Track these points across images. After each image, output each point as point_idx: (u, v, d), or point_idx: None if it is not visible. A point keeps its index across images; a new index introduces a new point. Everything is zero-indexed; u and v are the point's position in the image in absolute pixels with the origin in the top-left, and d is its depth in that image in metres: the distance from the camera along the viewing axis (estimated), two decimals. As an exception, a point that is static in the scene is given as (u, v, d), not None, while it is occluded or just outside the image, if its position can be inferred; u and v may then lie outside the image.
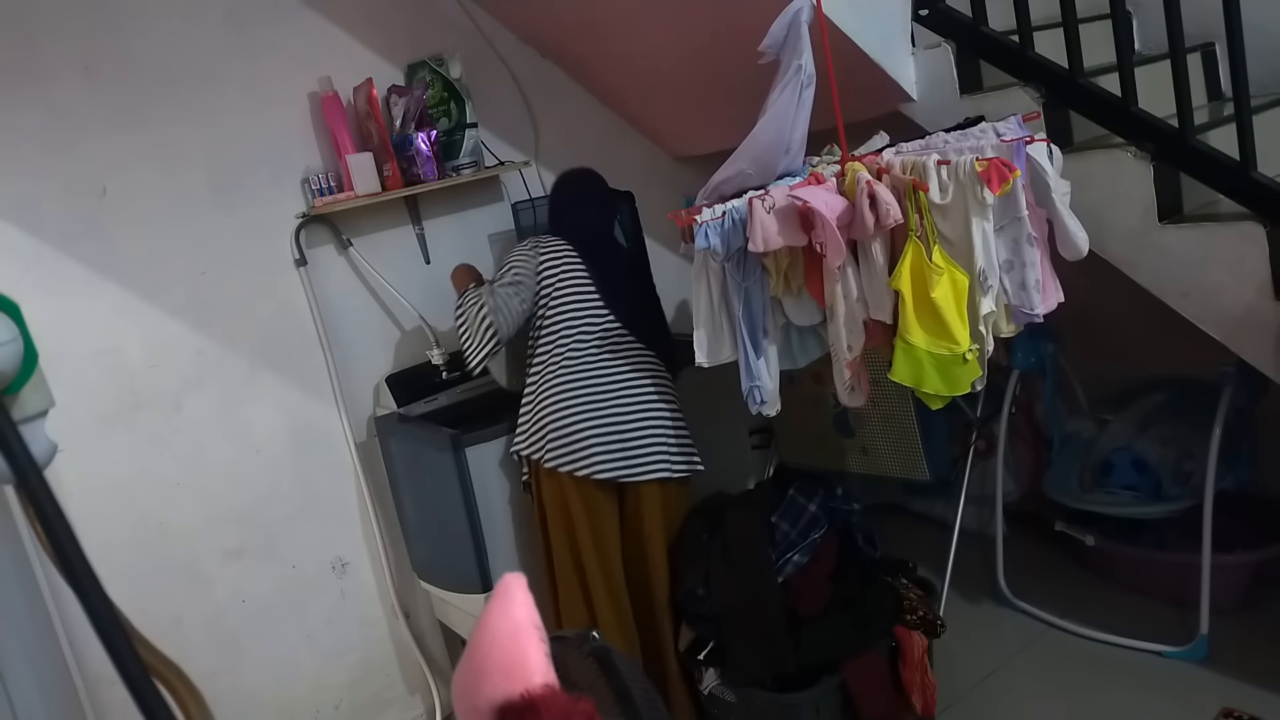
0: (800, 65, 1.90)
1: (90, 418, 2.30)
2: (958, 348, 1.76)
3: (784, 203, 1.81)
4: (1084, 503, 2.73)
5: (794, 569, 2.21)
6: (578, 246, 2.38)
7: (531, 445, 2.28)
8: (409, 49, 2.74)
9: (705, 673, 2.29)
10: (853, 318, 1.88)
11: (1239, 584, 2.53)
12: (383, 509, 2.72)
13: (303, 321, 2.60)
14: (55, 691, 2.15)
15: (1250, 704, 2.19)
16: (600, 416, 2.24)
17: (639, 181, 2.79)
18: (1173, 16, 1.94)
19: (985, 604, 2.82)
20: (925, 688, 2.28)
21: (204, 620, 2.47)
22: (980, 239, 1.77)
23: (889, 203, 1.72)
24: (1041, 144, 1.86)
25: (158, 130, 2.37)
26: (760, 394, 2.02)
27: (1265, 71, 2.35)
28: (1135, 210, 2.04)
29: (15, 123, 2.19)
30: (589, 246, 2.39)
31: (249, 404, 2.53)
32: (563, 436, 2.23)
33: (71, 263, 2.27)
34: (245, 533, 2.53)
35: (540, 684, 0.60)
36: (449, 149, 2.64)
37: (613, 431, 2.23)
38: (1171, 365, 2.75)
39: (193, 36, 2.41)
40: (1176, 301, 2.04)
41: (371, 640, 2.77)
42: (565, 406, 2.25)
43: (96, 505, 2.28)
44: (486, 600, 2.29)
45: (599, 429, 2.23)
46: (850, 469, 2.88)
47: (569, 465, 2.23)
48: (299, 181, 2.57)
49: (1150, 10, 2.17)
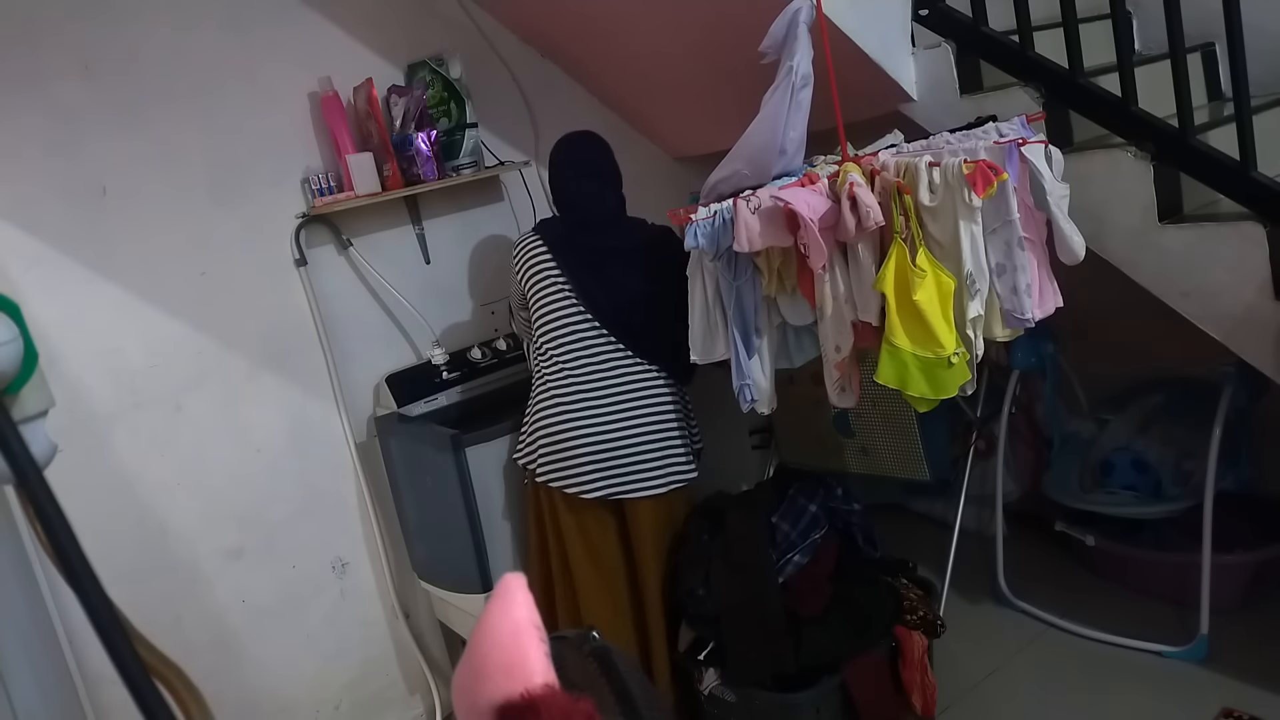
0: (792, 66, 1.90)
1: (90, 418, 2.30)
2: (942, 351, 1.75)
3: (768, 203, 1.81)
4: (1084, 503, 2.73)
5: (794, 569, 2.20)
6: (558, 246, 2.30)
7: (526, 456, 2.31)
8: (409, 49, 2.74)
9: (705, 673, 2.29)
10: (840, 318, 1.89)
11: (1239, 584, 2.53)
12: (383, 509, 2.72)
13: (303, 321, 2.60)
14: (55, 691, 2.15)
15: (1250, 704, 2.19)
16: (587, 432, 2.22)
17: (639, 181, 2.79)
18: (1173, 16, 1.94)
19: (985, 604, 2.82)
20: (925, 688, 2.28)
21: (204, 620, 2.47)
22: (968, 242, 1.77)
23: (869, 205, 1.72)
24: (1039, 145, 1.86)
25: (158, 130, 2.37)
26: (751, 392, 2.02)
27: (1265, 71, 2.35)
28: (1135, 210, 2.04)
29: (16, 123, 2.19)
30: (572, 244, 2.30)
31: (249, 404, 2.53)
32: (553, 451, 2.24)
33: (72, 263, 2.27)
34: (245, 533, 2.53)
35: (540, 684, 0.60)
36: (449, 149, 2.64)
37: (599, 447, 2.22)
38: (1172, 365, 2.75)
39: (193, 37, 2.41)
40: (1176, 301, 2.04)
41: (371, 640, 2.77)
42: (555, 421, 2.24)
43: (97, 505, 2.28)
44: (486, 600, 2.29)
45: (585, 445, 2.22)
46: (850, 469, 2.88)
47: (559, 481, 2.24)
48: (299, 181, 2.57)
49: (1150, 10, 2.16)
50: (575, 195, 2.35)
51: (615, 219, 2.37)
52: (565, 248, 2.30)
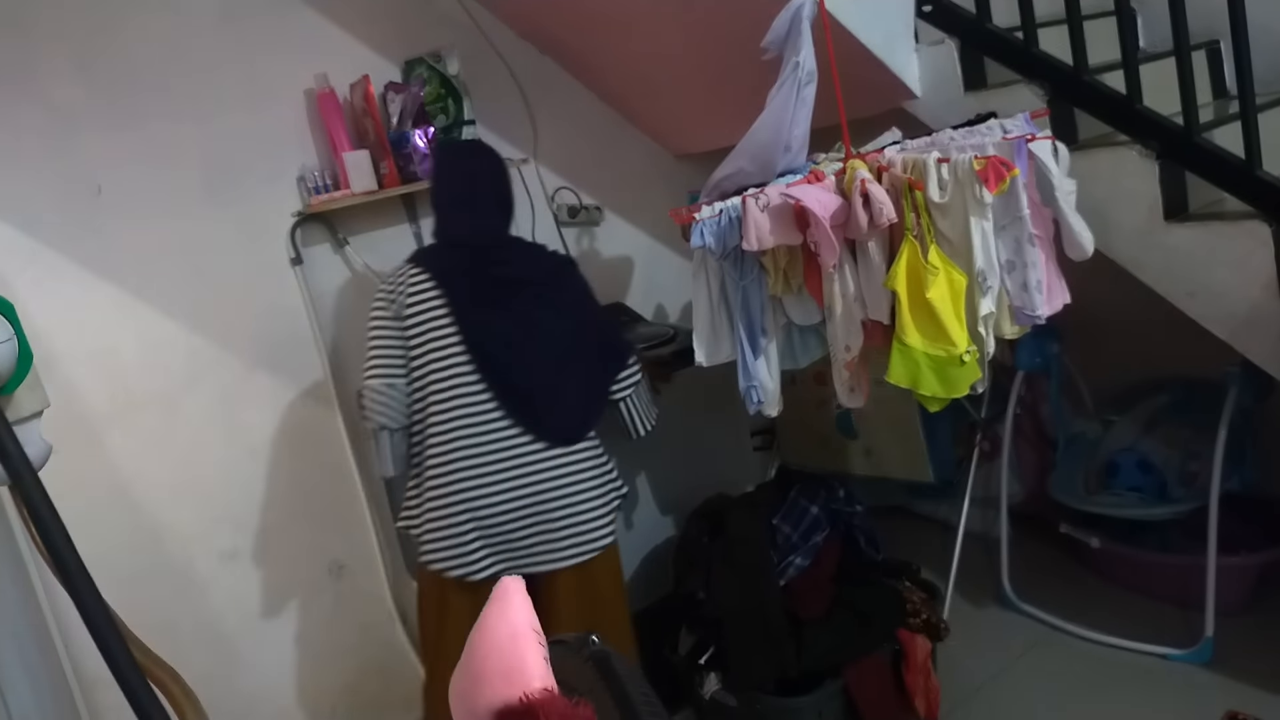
0: (798, 62, 1.89)
1: (85, 418, 2.28)
2: (954, 349, 1.74)
3: (778, 201, 1.80)
4: (1089, 504, 2.73)
5: (796, 572, 2.19)
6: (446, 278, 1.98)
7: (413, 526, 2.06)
8: (406, 45, 2.73)
9: (706, 677, 2.28)
10: (850, 317, 1.87)
11: (1244, 586, 2.52)
12: (380, 512, 2.70)
13: (299, 321, 2.58)
14: (50, 695, 2.13)
15: (1256, 707, 2.17)
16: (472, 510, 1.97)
17: (640, 179, 2.77)
18: (1178, 14, 1.93)
19: (989, 607, 2.80)
20: (928, 691, 2.26)
21: (199, 623, 2.45)
22: (979, 238, 1.75)
23: (882, 201, 1.71)
24: (1046, 141, 1.85)
25: (153, 128, 2.35)
26: (758, 394, 2.00)
27: (1270, 69, 2.33)
28: (1140, 209, 2.03)
29: (10, 120, 2.18)
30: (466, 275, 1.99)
31: (245, 404, 2.52)
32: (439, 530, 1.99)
33: (66, 262, 2.26)
34: (241, 535, 2.51)
35: (539, 688, 0.60)
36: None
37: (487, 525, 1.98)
38: (1176, 365, 2.74)
39: (188, 33, 2.40)
40: (1182, 301, 2.03)
41: (368, 644, 2.75)
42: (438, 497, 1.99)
43: (91, 507, 2.26)
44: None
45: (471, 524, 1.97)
46: (853, 470, 2.87)
47: (444, 565, 2.00)
48: (295, 179, 2.55)
49: (1155, 7, 2.16)
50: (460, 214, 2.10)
51: (506, 242, 2.14)
52: (455, 280, 2.01)
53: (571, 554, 2.03)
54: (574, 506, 2.02)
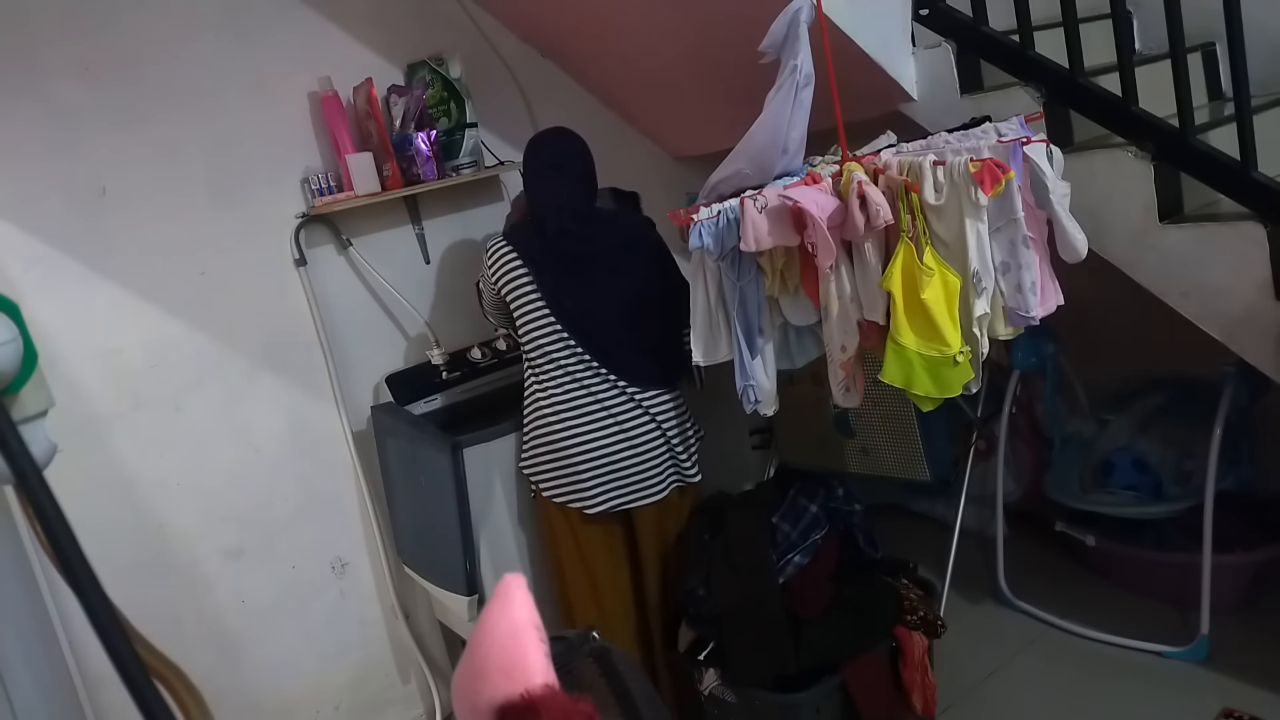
0: (796, 65, 1.90)
1: (90, 418, 2.30)
2: (948, 349, 1.75)
3: (775, 203, 1.81)
4: (1084, 503, 2.73)
5: (795, 570, 2.20)
6: (530, 255, 2.21)
7: (531, 469, 2.32)
8: (409, 49, 2.74)
9: (705, 673, 2.29)
10: (846, 318, 1.88)
11: (1239, 584, 2.53)
12: (382, 509, 2.71)
13: (302, 321, 2.60)
14: (55, 692, 2.14)
15: (1251, 704, 2.18)
16: (583, 450, 2.22)
17: (639, 181, 2.79)
18: (1173, 16, 1.93)
19: (986, 604, 2.81)
20: (926, 688, 2.27)
21: (203, 620, 2.47)
22: (974, 240, 1.77)
23: (879, 203, 1.72)
24: (1040, 144, 1.86)
25: (157, 130, 2.36)
26: (754, 393, 2.02)
27: (1266, 71, 2.34)
28: (1136, 210, 2.04)
29: (15, 122, 2.19)
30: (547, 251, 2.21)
31: (248, 404, 2.53)
32: (557, 468, 2.25)
33: (71, 263, 2.27)
34: (245, 533, 2.53)
35: (540, 684, 0.60)
36: (449, 149, 2.64)
37: (598, 463, 2.23)
38: (1172, 365, 2.75)
39: (192, 36, 2.41)
40: (1177, 301, 2.04)
41: (371, 640, 2.76)
42: (550, 438, 2.24)
43: (96, 505, 2.28)
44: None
45: (586, 461, 2.22)
46: (851, 469, 2.87)
47: (564, 498, 2.27)
48: (299, 181, 2.57)
49: (1151, 10, 2.16)
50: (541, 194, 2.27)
51: (587, 217, 2.26)
52: (539, 256, 2.22)
53: (663, 487, 2.28)
54: (659, 445, 2.26)
